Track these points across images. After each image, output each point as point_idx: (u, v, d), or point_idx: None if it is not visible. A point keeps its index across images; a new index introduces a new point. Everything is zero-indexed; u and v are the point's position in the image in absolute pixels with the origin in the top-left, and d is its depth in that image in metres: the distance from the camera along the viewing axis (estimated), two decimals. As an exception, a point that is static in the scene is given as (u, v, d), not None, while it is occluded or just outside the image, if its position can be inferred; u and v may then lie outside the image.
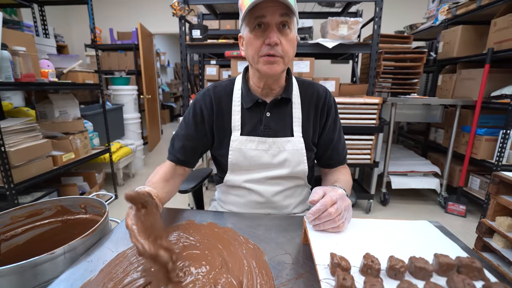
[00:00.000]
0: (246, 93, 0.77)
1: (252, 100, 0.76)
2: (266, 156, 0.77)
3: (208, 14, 2.75)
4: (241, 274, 0.50)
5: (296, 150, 0.77)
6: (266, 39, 0.64)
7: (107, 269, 0.52)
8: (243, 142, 0.77)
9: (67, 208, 0.77)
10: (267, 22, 0.64)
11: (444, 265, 0.43)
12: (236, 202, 0.85)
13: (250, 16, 0.64)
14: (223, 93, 0.79)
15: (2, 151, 1.38)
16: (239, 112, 0.77)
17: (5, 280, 0.49)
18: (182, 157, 0.79)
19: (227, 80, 0.82)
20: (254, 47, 0.67)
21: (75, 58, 2.10)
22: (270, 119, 0.77)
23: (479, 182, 2.11)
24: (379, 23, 1.98)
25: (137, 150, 3.16)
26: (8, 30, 1.52)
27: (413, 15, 3.50)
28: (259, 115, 0.77)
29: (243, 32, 0.70)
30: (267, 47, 0.65)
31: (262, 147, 0.77)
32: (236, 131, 0.77)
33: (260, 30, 0.65)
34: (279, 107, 0.77)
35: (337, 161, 0.85)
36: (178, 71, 7.41)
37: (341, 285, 0.38)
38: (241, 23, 0.69)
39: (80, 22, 4.34)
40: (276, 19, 0.63)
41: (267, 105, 0.76)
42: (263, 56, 0.66)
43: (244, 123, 0.77)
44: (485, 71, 1.91)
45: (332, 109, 0.81)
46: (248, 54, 0.70)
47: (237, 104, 0.78)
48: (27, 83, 1.53)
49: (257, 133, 0.77)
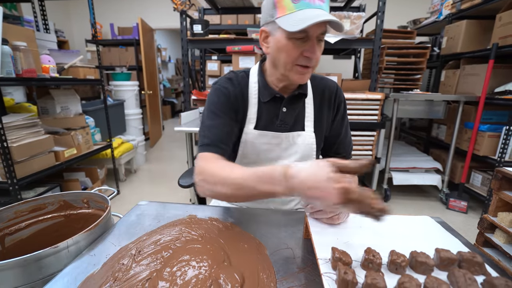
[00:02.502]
0: (263, 86, 0.76)
1: (271, 94, 0.75)
2: (277, 150, 0.78)
3: (209, 9, 2.72)
4: (243, 269, 0.50)
5: (307, 144, 0.77)
6: (306, 51, 0.63)
7: (110, 263, 0.52)
8: (256, 136, 0.76)
9: (70, 203, 0.78)
10: (309, 35, 0.61)
11: (445, 259, 0.43)
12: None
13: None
14: (241, 85, 0.77)
15: (5, 146, 1.39)
16: (256, 105, 0.76)
17: (10, 273, 0.50)
18: (224, 145, 0.70)
19: (241, 71, 0.80)
20: (290, 55, 0.64)
21: (76, 54, 2.09)
22: (286, 114, 0.76)
23: (481, 179, 2.10)
24: (382, 18, 1.95)
25: (139, 146, 3.17)
26: (9, 25, 1.51)
27: (417, 10, 3.46)
28: (275, 110, 0.76)
29: (273, 32, 0.65)
30: (304, 59, 0.64)
31: (274, 141, 0.77)
32: (250, 124, 0.76)
33: (300, 40, 0.62)
34: (294, 102, 0.77)
35: (342, 156, 0.85)
36: (179, 66, 7.39)
37: (342, 279, 0.38)
38: (269, 19, 0.64)
39: (81, 17, 4.32)
40: (318, 33, 0.62)
41: (284, 100, 0.75)
42: (297, 65, 0.65)
43: (259, 117, 0.76)
44: (489, 66, 1.89)
45: (342, 104, 0.82)
46: (279, 58, 0.66)
47: (254, 97, 0.76)
48: (28, 79, 1.53)
49: (273, 128, 0.76)
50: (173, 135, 4.90)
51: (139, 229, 0.65)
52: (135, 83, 3.27)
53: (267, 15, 0.65)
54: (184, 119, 1.97)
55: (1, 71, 1.37)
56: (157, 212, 0.73)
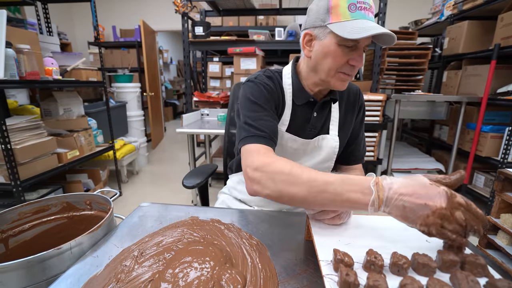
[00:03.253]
0: (298, 89, 0.75)
1: (305, 98, 0.75)
2: (301, 153, 0.79)
3: (211, 11, 2.74)
4: (245, 270, 0.50)
5: (330, 147, 0.78)
6: (352, 60, 0.64)
7: (113, 264, 0.52)
8: (286, 139, 0.76)
9: (73, 205, 0.78)
10: (359, 44, 0.63)
11: (448, 261, 0.43)
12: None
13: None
14: (279, 83, 0.76)
15: (8, 148, 1.40)
16: (290, 107, 0.76)
17: (14, 275, 0.50)
18: (276, 139, 0.67)
19: (275, 71, 0.79)
20: (337, 62, 0.64)
21: (79, 56, 2.11)
22: (316, 119, 0.77)
23: (484, 180, 2.09)
24: (384, 19, 1.96)
25: (141, 147, 3.18)
26: (12, 28, 1.53)
27: (418, 11, 3.45)
28: (307, 114, 0.77)
29: (321, 36, 0.64)
30: (349, 67, 0.65)
31: (302, 147, 0.78)
32: (283, 125, 0.76)
33: (349, 48, 0.63)
34: (324, 107, 0.78)
35: (356, 158, 0.86)
36: (181, 68, 7.41)
37: (344, 281, 0.38)
38: (319, 23, 0.64)
39: (83, 20, 4.36)
40: (366, 43, 0.64)
41: (316, 104, 0.76)
42: (341, 72, 0.66)
43: (292, 120, 0.76)
44: (491, 67, 1.88)
45: (363, 107, 0.83)
46: (323, 63, 0.66)
47: (289, 98, 0.76)
48: (32, 81, 1.54)
49: (304, 133, 0.77)
50: (175, 136, 4.92)
51: (141, 230, 0.65)
52: (137, 85, 3.29)
53: (316, 19, 0.64)
54: (186, 121, 1.98)
55: (5, 74, 1.38)
56: (159, 214, 0.73)
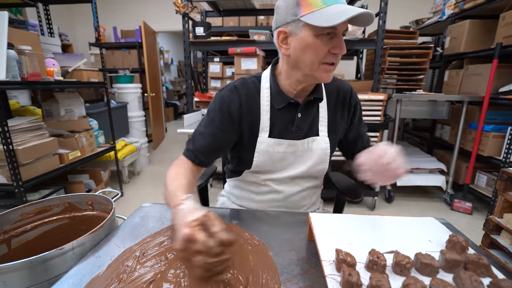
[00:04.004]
0: (276, 92, 0.73)
1: (285, 101, 0.72)
2: (291, 157, 0.76)
3: (211, 11, 2.74)
4: (247, 270, 0.50)
5: (321, 149, 0.76)
6: (334, 48, 0.62)
7: (115, 264, 0.52)
8: (271, 145, 0.74)
9: (75, 205, 0.78)
10: (337, 31, 0.61)
11: (451, 261, 0.42)
12: (252, 199, 0.83)
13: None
14: (251, 91, 0.74)
15: (10, 149, 1.40)
16: (268, 112, 0.73)
17: (16, 275, 0.50)
18: (203, 157, 0.72)
19: (252, 76, 0.77)
20: (318, 53, 0.62)
21: (80, 57, 2.11)
22: (301, 120, 0.74)
23: (486, 179, 2.08)
24: (384, 18, 1.95)
25: (142, 148, 3.18)
26: (14, 30, 1.53)
27: (419, 10, 3.45)
28: (290, 116, 0.74)
29: (296, 31, 0.62)
30: (332, 56, 0.63)
31: (290, 149, 0.75)
32: (264, 132, 0.74)
33: (328, 37, 0.60)
34: (310, 107, 0.75)
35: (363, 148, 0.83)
36: (181, 68, 7.42)
37: (346, 281, 0.38)
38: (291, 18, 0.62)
39: (84, 21, 4.37)
40: (344, 28, 0.62)
41: (299, 106, 0.73)
42: (325, 63, 0.64)
43: (273, 124, 0.74)
44: (493, 66, 1.88)
45: (358, 105, 0.81)
46: (304, 58, 0.64)
47: (266, 104, 0.73)
48: (34, 82, 1.55)
49: (288, 135, 0.74)
50: (176, 137, 4.92)
51: (143, 231, 0.65)
52: (138, 85, 3.29)
53: (287, 14, 0.62)
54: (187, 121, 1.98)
55: (6, 75, 1.38)
56: (160, 214, 0.73)
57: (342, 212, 0.92)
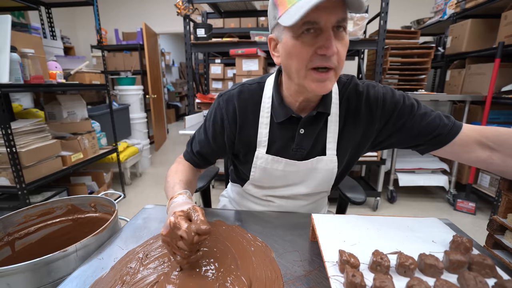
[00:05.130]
0: (278, 104, 0.64)
1: (286, 114, 0.63)
2: (292, 176, 0.70)
3: (212, 13, 2.75)
4: (250, 271, 0.50)
5: (327, 170, 0.67)
6: (320, 48, 0.49)
7: (118, 266, 0.53)
8: (269, 162, 0.67)
9: (78, 207, 0.78)
10: (320, 26, 0.49)
11: (455, 262, 0.42)
12: (253, 209, 0.81)
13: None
14: (250, 102, 0.66)
15: (14, 152, 1.41)
16: (267, 126, 0.66)
17: (20, 277, 0.51)
18: (199, 161, 0.75)
19: (255, 82, 0.68)
20: (301, 57, 0.51)
21: (82, 59, 2.13)
22: (303, 137, 0.65)
23: (489, 179, 2.07)
24: (386, 18, 1.95)
25: (144, 150, 3.19)
26: (17, 33, 1.54)
27: (420, 10, 3.44)
28: (291, 132, 0.65)
29: (280, 35, 0.55)
30: (320, 58, 0.50)
31: (290, 169, 0.68)
32: (262, 147, 0.67)
33: (310, 36, 0.50)
34: (314, 122, 0.64)
35: (451, 131, 0.59)
36: (183, 70, 7.45)
37: (350, 282, 0.38)
38: (273, 22, 0.55)
39: (86, 24, 4.40)
40: (333, 20, 0.48)
41: (301, 120, 0.63)
42: (313, 69, 0.52)
43: (272, 140, 0.67)
44: (496, 65, 1.87)
45: (399, 106, 0.62)
46: (290, 65, 0.54)
47: (266, 116, 0.66)
48: (36, 85, 1.56)
49: (288, 153, 0.67)
50: (177, 138, 4.93)
51: (146, 232, 0.65)
52: (139, 87, 3.30)
53: (271, 19, 0.56)
54: (188, 122, 1.98)
55: (10, 78, 1.39)
56: (163, 216, 0.73)
57: (345, 213, 0.92)
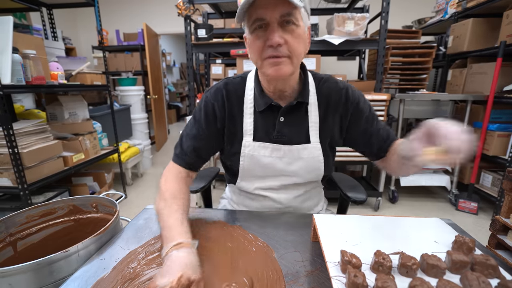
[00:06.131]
0: (259, 94, 0.70)
1: (266, 103, 0.69)
2: (280, 163, 0.72)
3: (213, 13, 2.75)
4: (252, 272, 0.50)
5: (313, 157, 0.71)
6: (268, 40, 0.57)
7: (119, 266, 0.53)
8: (256, 148, 0.71)
9: (79, 208, 0.79)
10: (267, 21, 0.57)
11: (458, 262, 0.42)
12: (251, 206, 0.82)
13: (248, 17, 0.59)
14: (235, 94, 0.72)
15: (16, 152, 1.42)
16: (252, 115, 0.71)
17: (22, 277, 0.51)
18: (191, 160, 0.71)
19: (238, 77, 0.75)
20: (256, 49, 0.60)
21: (83, 60, 2.13)
22: (284, 125, 0.70)
23: (491, 179, 2.06)
24: (387, 18, 1.94)
25: (145, 150, 3.20)
26: (19, 34, 1.55)
27: (422, 9, 3.43)
28: (272, 120, 0.71)
29: (246, 32, 0.64)
30: (270, 49, 0.58)
31: (276, 154, 0.71)
32: (248, 135, 0.71)
33: (261, 30, 0.58)
34: (294, 111, 0.70)
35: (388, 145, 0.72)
36: (183, 71, 7.46)
37: (352, 282, 0.38)
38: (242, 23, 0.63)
39: (87, 25, 4.41)
40: (277, 16, 0.56)
41: (281, 109, 0.69)
42: (267, 58, 0.60)
43: (256, 128, 0.71)
44: (498, 65, 1.86)
45: (360, 104, 0.72)
46: (252, 57, 0.64)
47: (250, 106, 0.71)
48: (38, 86, 1.56)
49: (270, 139, 0.71)
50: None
51: (147, 233, 0.65)
52: (140, 88, 3.31)
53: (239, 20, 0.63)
54: (189, 123, 1.98)
55: (12, 79, 1.40)
56: (164, 216, 0.73)
57: (346, 213, 0.92)
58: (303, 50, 0.62)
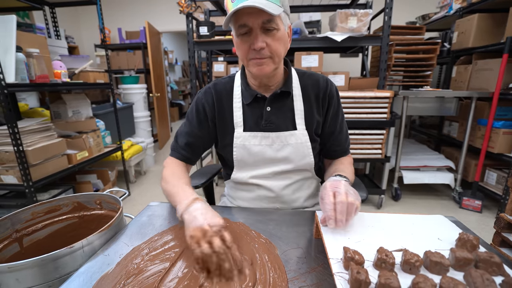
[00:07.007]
0: (245, 89, 0.77)
1: (251, 96, 0.76)
2: (270, 151, 0.77)
3: (215, 11, 2.74)
4: (254, 268, 0.50)
5: (300, 143, 0.77)
6: (252, 44, 0.65)
7: (124, 262, 0.53)
8: (247, 138, 0.77)
9: (84, 204, 0.79)
10: (250, 27, 0.64)
11: (461, 259, 0.42)
12: (246, 197, 0.85)
13: (235, 22, 0.65)
14: (224, 90, 0.79)
15: (21, 150, 1.43)
16: (240, 109, 0.78)
17: (28, 273, 0.51)
18: (186, 153, 0.80)
19: (227, 77, 0.83)
20: (242, 51, 0.68)
21: (86, 59, 2.14)
22: (271, 114, 0.76)
23: (496, 177, 2.04)
24: (390, 14, 1.92)
25: (148, 148, 3.21)
26: (22, 33, 1.56)
27: (426, 5, 3.39)
28: (259, 110, 0.77)
29: (233, 34, 0.70)
30: (253, 52, 0.66)
31: (265, 142, 0.77)
32: (239, 127, 0.78)
33: (246, 35, 0.65)
34: (280, 100, 0.77)
35: (339, 151, 0.84)
36: (186, 68, 7.46)
37: (355, 279, 0.38)
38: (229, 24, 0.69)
39: (90, 23, 4.41)
40: (259, 22, 0.63)
41: (267, 99, 0.76)
42: (252, 59, 0.67)
43: (246, 119, 0.78)
44: (503, 61, 1.83)
45: (334, 99, 0.80)
46: (239, 55, 0.71)
47: (238, 101, 0.78)
48: (42, 84, 1.57)
49: (259, 129, 0.77)
50: (181, 136, 4.95)
51: (151, 229, 0.66)
52: (143, 86, 3.32)
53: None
54: (192, 121, 1.98)
55: (16, 78, 1.41)
56: (167, 213, 0.74)
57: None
58: (284, 49, 0.70)
